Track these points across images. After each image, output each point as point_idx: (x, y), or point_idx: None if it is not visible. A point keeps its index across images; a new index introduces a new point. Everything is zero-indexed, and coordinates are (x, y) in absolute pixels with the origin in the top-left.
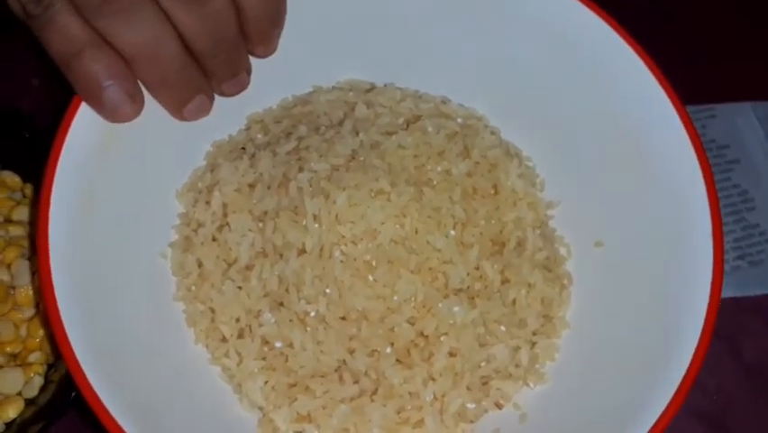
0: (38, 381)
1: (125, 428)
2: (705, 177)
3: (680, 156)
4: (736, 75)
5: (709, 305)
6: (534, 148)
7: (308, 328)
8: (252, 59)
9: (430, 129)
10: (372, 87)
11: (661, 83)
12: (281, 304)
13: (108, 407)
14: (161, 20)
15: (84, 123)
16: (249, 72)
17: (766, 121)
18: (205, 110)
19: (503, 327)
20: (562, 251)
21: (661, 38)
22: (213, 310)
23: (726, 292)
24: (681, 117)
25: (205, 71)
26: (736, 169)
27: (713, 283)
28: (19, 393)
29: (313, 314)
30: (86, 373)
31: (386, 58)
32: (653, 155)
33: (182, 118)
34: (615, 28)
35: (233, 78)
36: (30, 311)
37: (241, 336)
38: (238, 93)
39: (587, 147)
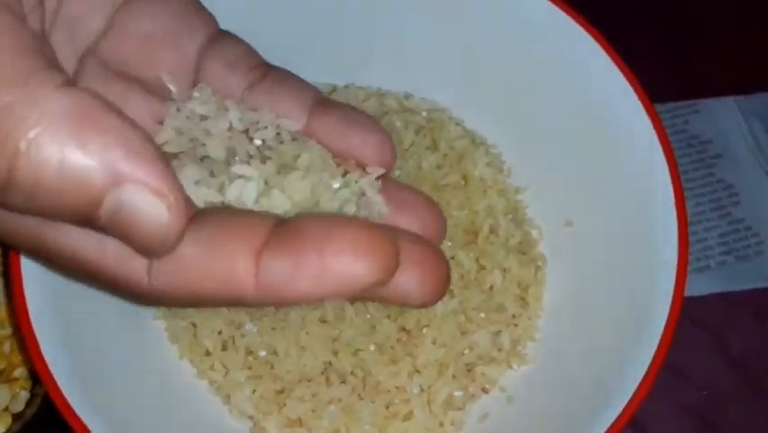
0: (24, 395)
1: None
2: (665, 152)
3: (641, 137)
4: (719, 70)
5: (677, 278)
6: (498, 136)
7: (291, 335)
8: None
9: (398, 124)
10: (334, 89)
11: (621, 69)
12: (263, 314)
13: (90, 427)
14: None
15: None
16: None
17: (750, 114)
18: None
19: (483, 314)
20: (534, 233)
21: (643, 34)
22: (194, 325)
23: (714, 288)
24: (642, 100)
25: None
26: (720, 164)
27: (679, 255)
28: (6, 409)
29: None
30: (67, 398)
31: (342, 58)
32: (615, 136)
33: None
34: (572, 16)
35: None
36: (11, 327)
37: (224, 348)
38: None
39: (550, 133)
